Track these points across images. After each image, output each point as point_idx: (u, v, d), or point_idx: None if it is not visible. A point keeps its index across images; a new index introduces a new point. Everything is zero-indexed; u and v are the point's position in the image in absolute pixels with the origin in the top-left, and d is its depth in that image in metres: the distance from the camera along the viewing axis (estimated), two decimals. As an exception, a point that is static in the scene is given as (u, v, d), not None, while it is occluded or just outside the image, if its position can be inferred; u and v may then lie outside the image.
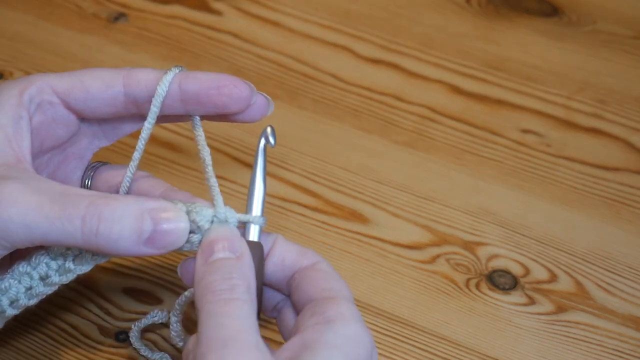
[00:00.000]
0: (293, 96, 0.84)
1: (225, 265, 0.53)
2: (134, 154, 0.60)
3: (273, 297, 0.60)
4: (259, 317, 0.57)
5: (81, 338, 0.68)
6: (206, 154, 0.58)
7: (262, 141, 0.58)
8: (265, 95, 0.60)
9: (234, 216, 0.56)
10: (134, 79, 0.59)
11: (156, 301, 0.70)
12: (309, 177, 0.78)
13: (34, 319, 0.68)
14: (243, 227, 0.58)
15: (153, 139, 0.59)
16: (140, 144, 0.59)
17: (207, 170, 0.57)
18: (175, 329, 0.60)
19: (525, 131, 0.82)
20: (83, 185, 0.64)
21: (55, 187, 0.54)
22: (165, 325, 0.68)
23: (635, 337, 0.69)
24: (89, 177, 0.63)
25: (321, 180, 0.78)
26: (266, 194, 0.58)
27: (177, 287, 0.71)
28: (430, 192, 0.77)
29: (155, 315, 0.66)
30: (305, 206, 0.76)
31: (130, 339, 0.66)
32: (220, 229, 0.55)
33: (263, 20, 0.92)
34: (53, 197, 0.53)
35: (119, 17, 0.91)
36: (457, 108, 0.84)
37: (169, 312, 0.67)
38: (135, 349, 0.66)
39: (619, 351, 0.68)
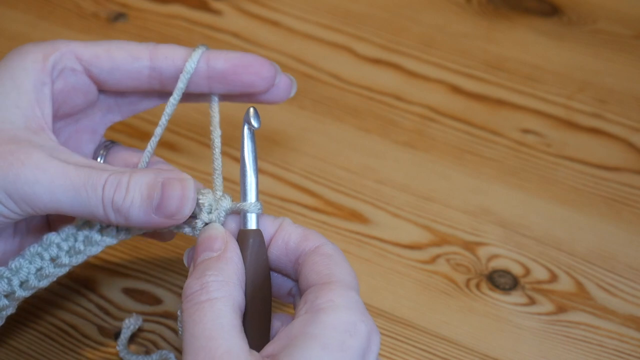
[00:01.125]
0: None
1: (202, 267, 0.53)
2: (156, 130, 0.60)
3: (286, 283, 0.59)
4: (268, 305, 0.56)
5: (80, 338, 0.68)
6: (216, 135, 0.58)
7: (246, 126, 0.57)
8: (290, 76, 0.60)
9: (228, 202, 0.57)
10: (161, 54, 0.59)
11: (155, 301, 0.70)
12: (309, 177, 0.78)
13: (33, 319, 0.68)
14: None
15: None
16: (164, 119, 0.59)
17: (214, 152, 0.58)
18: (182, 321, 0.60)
19: (526, 131, 0.82)
20: None
21: (80, 159, 0.55)
22: (162, 324, 0.68)
23: (635, 337, 0.69)
24: (102, 155, 0.63)
25: (321, 180, 0.78)
26: (259, 180, 0.58)
27: (176, 287, 0.71)
28: (430, 192, 0.77)
29: (130, 324, 0.66)
30: (305, 206, 0.76)
31: (121, 358, 0.66)
32: (205, 231, 0.56)
33: (263, 20, 0.92)
34: (79, 166, 0.54)
35: (118, 17, 0.91)
36: (457, 108, 0.84)
37: (139, 316, 0.67)
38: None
39: (619, 351, 0.68)
